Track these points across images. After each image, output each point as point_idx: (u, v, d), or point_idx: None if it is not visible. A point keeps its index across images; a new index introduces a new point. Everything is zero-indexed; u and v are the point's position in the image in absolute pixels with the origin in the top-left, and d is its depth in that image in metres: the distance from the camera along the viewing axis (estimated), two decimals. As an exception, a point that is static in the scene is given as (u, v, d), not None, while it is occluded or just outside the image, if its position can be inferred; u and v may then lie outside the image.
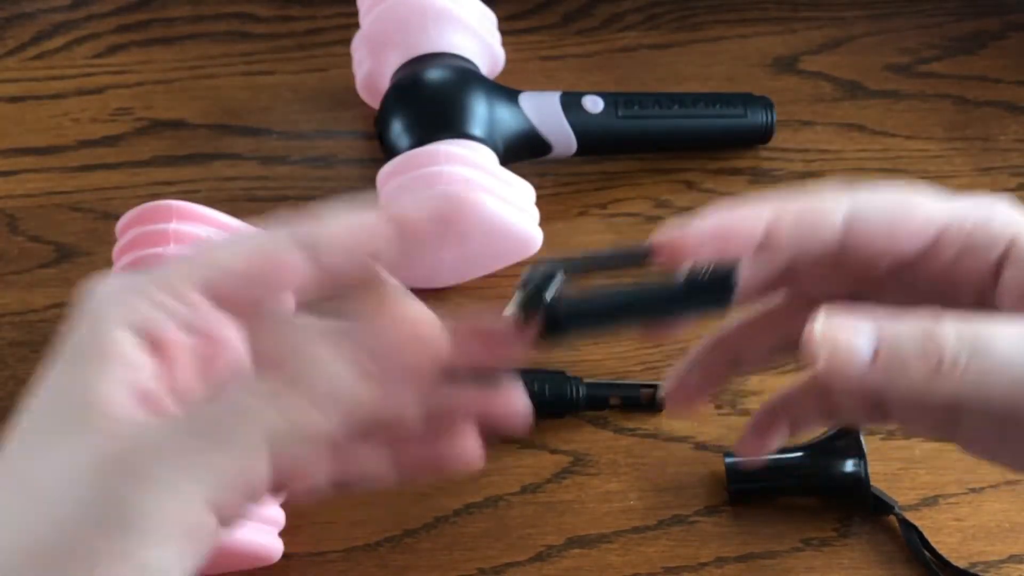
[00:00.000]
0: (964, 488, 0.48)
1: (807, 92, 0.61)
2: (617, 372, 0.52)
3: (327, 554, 0.47)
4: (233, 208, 0.50)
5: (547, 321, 0.31)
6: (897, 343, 0.29)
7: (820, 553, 0.47)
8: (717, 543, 0.47)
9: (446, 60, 0.54)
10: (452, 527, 0.48)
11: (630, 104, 0.56)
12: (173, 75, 0.62)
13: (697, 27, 0.64)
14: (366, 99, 0.58)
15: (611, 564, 0.47)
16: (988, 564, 0.46)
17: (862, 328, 0.29)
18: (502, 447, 0.50)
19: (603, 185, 0.58)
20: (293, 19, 0.64)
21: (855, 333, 0.29)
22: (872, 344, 0.29)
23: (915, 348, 0.28)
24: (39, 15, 0.64)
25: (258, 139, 0.59)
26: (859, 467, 0.46)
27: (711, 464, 0.49)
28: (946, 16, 0.64)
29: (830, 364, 0.29)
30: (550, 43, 0.63)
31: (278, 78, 0.62)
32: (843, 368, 0.29)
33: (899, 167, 0.58)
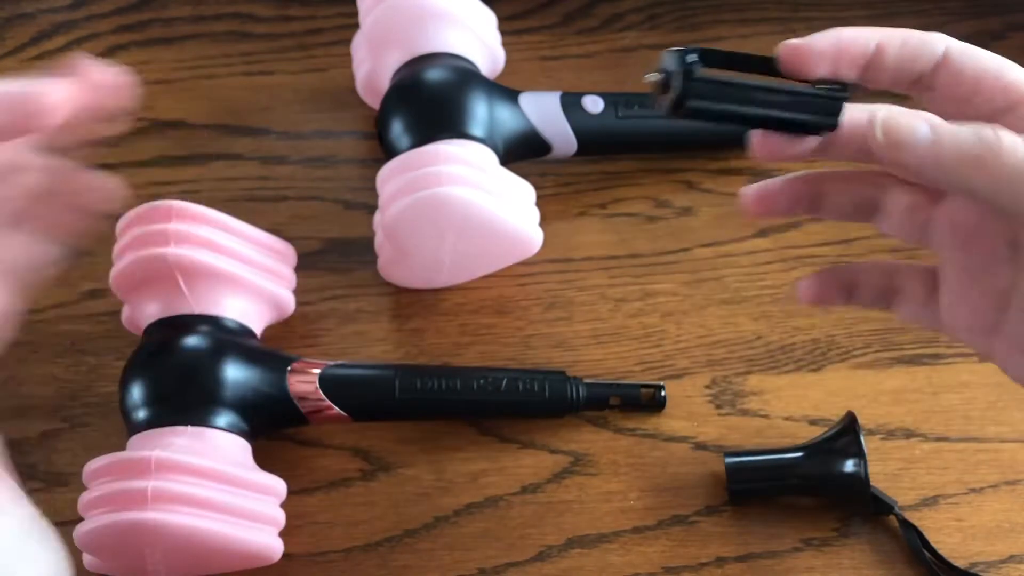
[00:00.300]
0: (964, 488, 0.48)
1: (807, 92, 0.61)
2: (617, 372, 0.52)
3: (327, 554, 0.47)
4: (233, 208, 0.50)
5: (684, 91, 0.33)
6: (953, 130, 0.33)
7: (820, 553, 0.47)
8: (717, 543, 0.47)
9: (446, 60, 0.54)
10: (452, 527, 0.48)
11: (630, 104, 0.56)
12: (173, 75, 0.62)
13: (697, 27, 0.64)
14: (366, 99, 0.58)
15: (611, 564, 0.47)
16: (988, 564, 0.46)
17: (921, 115, 0.34)
18: (502, 447, 0.50)
19: (603, 185, 0.58)
20: (293, 19, 0.64)
21: (915, 117, 0.34)
22: (930, 128, 0.33)
23: (970, 136, 0.33)
24: (39, 15, 0.64)
25: (258, 139, 0.59)
26: (859, 467, 0.46)
27: (711, 464, 0.49)
28: (946, 16, 0.64)
29: (890, 138, 0.33)
30: (550, 43, 0.63)
31: (278, 78, 0.62)
32: (904, 141, 0.33)
33: (899, 167, 0.58)
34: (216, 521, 0.43)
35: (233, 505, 0.43)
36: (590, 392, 0.50)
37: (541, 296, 0.54)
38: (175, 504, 0.42)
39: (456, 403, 0.49)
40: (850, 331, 0.53)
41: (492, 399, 0.49)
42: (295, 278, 0.52)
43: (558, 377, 0.50)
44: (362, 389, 0.49)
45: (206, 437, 0.45)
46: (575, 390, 0.49)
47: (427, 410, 0.49)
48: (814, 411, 0.50)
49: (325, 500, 0.48)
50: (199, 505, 0.42)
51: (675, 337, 0.53)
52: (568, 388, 0.49)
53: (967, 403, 0.51)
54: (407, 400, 0.48)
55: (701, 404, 0.51)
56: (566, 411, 0.50)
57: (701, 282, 0.54)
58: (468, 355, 0.52)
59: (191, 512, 0.42)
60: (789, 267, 0.55)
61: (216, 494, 0.43)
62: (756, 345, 0.52)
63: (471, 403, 0.49)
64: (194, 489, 0.42)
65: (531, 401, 0.49)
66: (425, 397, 0.48)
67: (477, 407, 0.50)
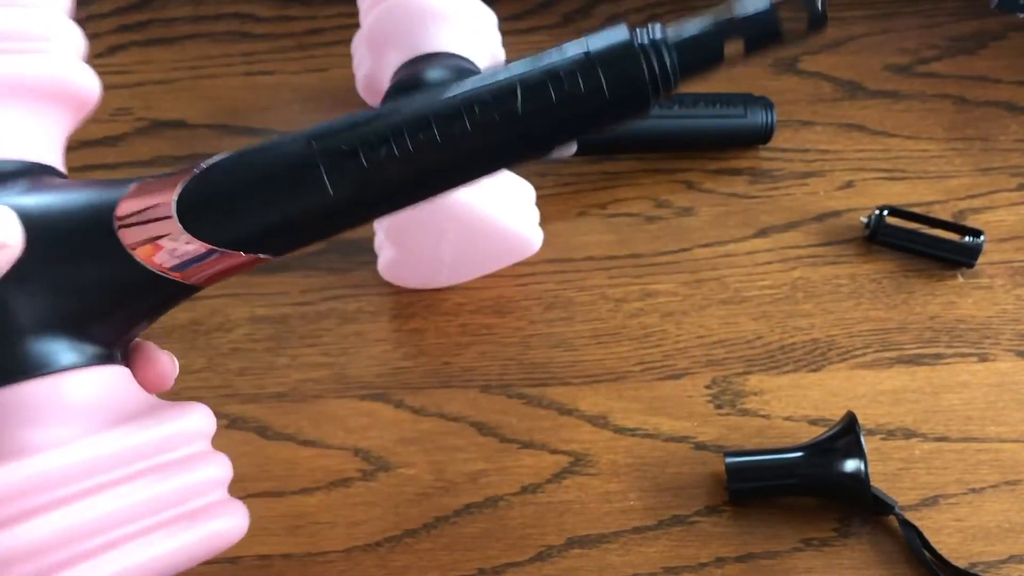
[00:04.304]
0: (964, 488, 0.48)
1: (807, 92, 0.61)
2: (617, 372, 0.52)
3: (327, 554, 0.47)
4: (233, 208, 0.50)
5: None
6: None
7: (820, 553, 0.47)
8: (717, 543, 0.47)
9: (446, 60, 0.53)
10: (452, 527, 0.48)
11: (630, 104, 0.56)
12: (173, 75, 0.62)
13: (697, 27, 0.64)
14: (366, 99, 0.58)
15: (611, 564, 0.47)
16: (988, 564, 0.46)
17: None
18: (502, 447, 0.50)
19: (603, 185, 0.58)
20: (293, 19, 0.64)
21: None
22: None
23: None
24: (39, 15, 0.64)
25: (258, 139, 0.59)
26: (859, 467, 0.46)
27: (711, 464, 0.49)
28: (946, 16, 0.64)
29: None
30: (550, 43, 0.63)
31: (278, 78, 0.62)
32: None
33: (899, 167, 0.58)
34: (124, 547, 0.28)
35: (149, 499, 0.29)
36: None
37: (541, 296, 0.54)
38: (52, 550, 0.27)
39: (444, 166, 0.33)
40: (850, 331, 0.53)
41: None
42: (83, 38, 0.34)
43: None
44: (260, 196, 0.31)
45: (45, 399, 0.28)
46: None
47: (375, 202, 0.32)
48: (814, 411, 0.50)
49: (325, 500, 0.48)
50: (90, 532, 0.27)
51: (675, 337, 0.53)
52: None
53: (967, 403, 0.51)
54: (343, 197, 0.31)
55: (701, 404, 0.51)
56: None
57: (701, 282, 0.54)
58: (468, 355, 0.52)
59: (83, 550, 0.27)
60: (789, 267, 0.55)
61: (110, 494, 0.28)
62: (756, 345, 0.52)
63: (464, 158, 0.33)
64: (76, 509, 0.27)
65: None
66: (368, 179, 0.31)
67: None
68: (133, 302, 0.31)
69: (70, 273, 0.29)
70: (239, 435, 0.50)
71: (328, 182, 0.31)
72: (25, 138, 0.31)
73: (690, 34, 0.34)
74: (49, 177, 0.31)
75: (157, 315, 0.33)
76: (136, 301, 0.31)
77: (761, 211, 0.57)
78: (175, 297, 0.32)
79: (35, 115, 0.31)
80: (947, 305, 0.54)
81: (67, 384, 0.29)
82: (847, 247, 0.55)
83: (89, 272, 0.29)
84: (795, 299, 0.54)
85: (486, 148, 0.33)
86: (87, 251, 0.29)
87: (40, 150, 0.31)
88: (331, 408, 0.51)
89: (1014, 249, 0.55)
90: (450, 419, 0.50)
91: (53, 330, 0.29)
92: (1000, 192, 0.57)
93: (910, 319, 0.53)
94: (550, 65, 0.33)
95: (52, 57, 0.31)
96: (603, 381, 0.51)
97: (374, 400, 0.51)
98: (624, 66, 0.33)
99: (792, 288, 0.54)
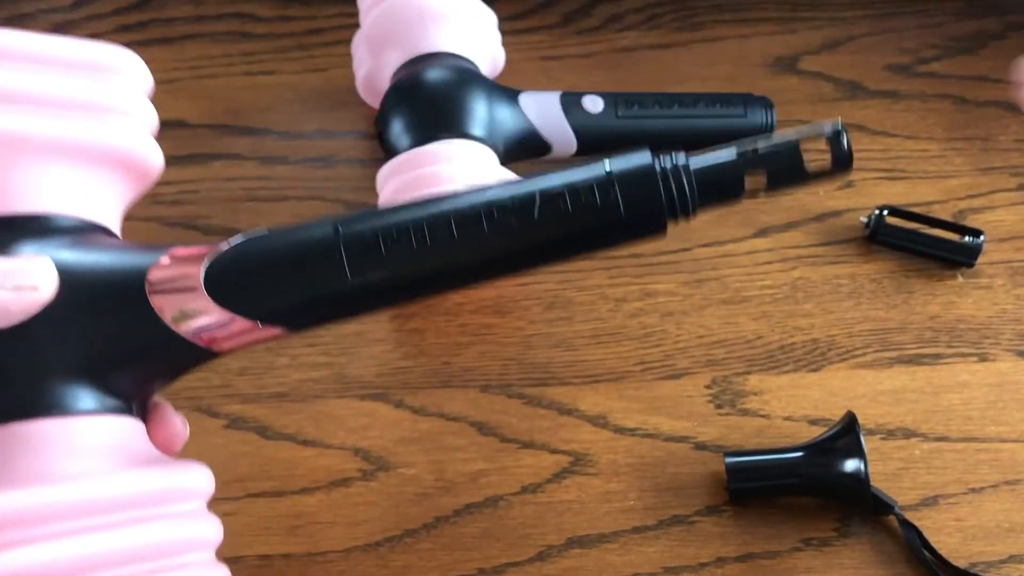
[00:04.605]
0: (964, 488, 0.48)
1: (807, 92, 0.61)
2: (617, 372, 0.52)
3: (327, 554, 0.47)
4: (233, 208, 0.50)
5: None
6: None
7: (820, 553, 0.47)
8: (717, 543, 0.47)
9: (446, 60, 0.54)
10: (452, 527, 0.48)
11: (630, 104, 0.56)
12: (173, 75, 0.62)
13: (697, 27, 0.64)
14: (366, 99, 0.58)
15: (611, 564, 0.47)
16: (988, 564, 0.46)
17: None
18: (502, 447, 0.50)
19: (603, 185, 0.58)
20: (293, 19, 0.64)
21: None
22: None
23: None
24: (39, 15, 0.64)
25: (258, 139, 0.59)
26: (859, 467, 0.46)
27: (711, 464, 0.49)
28: (946, 16, 0.64)
29: None
30: (550, 43, 0.63)
31: (278, 78, 0.62)
32: None
33: (899, 167, 0.58)
34: None
35: (136, 548, 0.30)
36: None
37: (541, 296, 0.54)
38: None
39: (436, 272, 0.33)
40: (850, 331, 0.53)
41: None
42: (153, 112, 0.36)
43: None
44: (282, 274, 0.32)
45: (56, 438, 0.30)
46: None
47: (384, 298, 0.34)
48: (814, 411, 0.50)
49: (325, 500, 0.48)
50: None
51: (675, 337, 0.53)
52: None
53: (967, 403, 0.51)
54: (361, 284, 0.33)
55: (701, 404, 0.51)
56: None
57: (701, 282, 0.54)
58: (468, 355, 0.52)
59: None
60: (789, 267, 0.55)
61: (109, 539, 0.29)
62: (756, 345, 0.52)
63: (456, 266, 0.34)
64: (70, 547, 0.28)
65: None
66: (381, 277, 0.33)
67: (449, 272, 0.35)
68: (156, 360, 0.33)
69: (98, 325, 0.31)
70: (239, 435, 0.50)
71: (347, 268, 0.32)
72: (87, 198, 0.33)
73: (712, 163, 0.35)
74: (100, 236, 0.34)
75: (177, 376, 0.35)
76: (158, 360, 0.33)
77: (761, 211, 0.57)
78: (196, 360, 0.34)
79: (100, 179, 0.34)
80: (947, 305, 0.54)
81: (80, 427, 0.31)
82: (847, 247, 0.55)
83: (117, 327, 0.31)
84: (795, 299, 0.54)
85: (501, 251, 0.34)
86: (117, 308, 0.31)
87: (98, 211, 0.34)
88: (331, 408, 0.51)
89: (1014, 249, 0.55)
90: (450, 419, 0.50)
91: (76, 376, 0.31)
92: (1000, 192, 0.57)
93: (910, 319, 0.53)
94: (570, 178, 0.34)
95: (126, 129, 0.34)
96: (603, 381, 0.51)
97: (374, 400, 0.51)
98: (643, 187, 0.34)
99: (792, 288, 0.54)
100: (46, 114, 0.32)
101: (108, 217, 0.34)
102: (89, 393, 0.31)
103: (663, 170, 0.34)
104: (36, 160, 0.32)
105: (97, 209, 0.34)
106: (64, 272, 0.31)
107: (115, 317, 0.31)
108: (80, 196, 0.33)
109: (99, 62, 0.34)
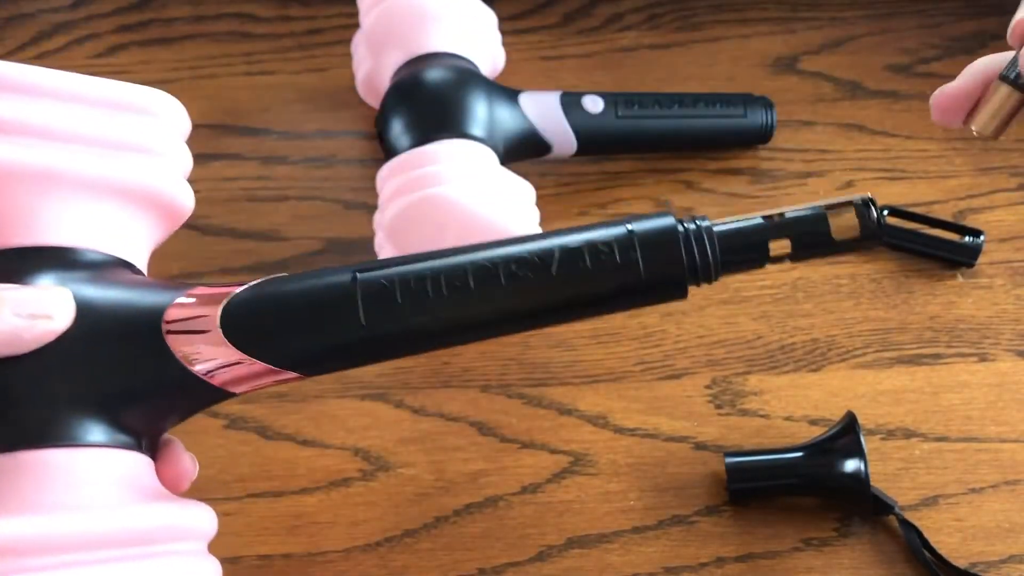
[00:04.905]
0: (964, 488, 0.48)
1: (807, 92, 0.61)
2: (616, 372, 0.52)
3: (327, 554, 0.47)
4: (233, 208, 0.50)
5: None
6: None
7: (820, 553, 0.47)
8: (717, 543, 0.47)
9: (446, 60, 0.54)
10: (452, 527, 0.48)
11: (630, 104, 0.56)
12: (173, 75, 0.62)
13: (697, 27, 0.64)
14: (366, 99, 0.58)
15: (611, 564, 0.47)
16: (988, 564, 0.46)
17: None
18: (502, 447, 0.50)
19: (603, 185, 0.58)
20: (293, 19, 0.64)
21: None
22: None
23: None
24: (39, 15, 0.64)
25: (258, 139, 0.59)
26: (859, 467, 0.46)
27: (711, 464, 0.49)
28: (946, 16, 0.64)
29: None
30: (550, 43, 0.63)
31: (278, 78, 0.62)
32: None
33: (899, 167, 0.58)
34: None
35: None
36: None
37: (541, 296, 0.54)
38: None
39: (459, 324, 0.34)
40: (850, 331, 0.53)
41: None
42: (188, 154, 0.37)
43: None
44: (297, 319, 0.32)
45: (62, 469, 0.29)
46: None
47: (399, 347, 0.34)
48: (814, 411, 0.50)
49: (325, 500, 0.48)
50: None
51: (675, 337, 0.53)
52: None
53: (967, 403, 0.51)
54: (376, 333, 0.33)
55: (701, 404, 0.51)
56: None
57: (701, 282, 0.54)
58: (468, 355, 0.52)
59: None
60: (789, 267, 0.55)
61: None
62: (756, 345, 0.52)
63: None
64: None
65: None
66: (400, 327, 0.33)
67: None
68: (168, 398, 0.33)
69: (112, 360, 0.31)
70: (239, 435, 0.50)
71: (363, 315, 0.33)
72: (114, 235, 0.33)
73: (736, 228, 0.35)
74: (123, 272, 0.34)
75: (188, 414, 0.34)
76: (171, 398, 0.33)
77: (761, 211, 0.57)
78: (208, 400, 0.34)
79: (129, 216, 0.34)
80: (947, 305, 0.54)
81: (87, 459, 0.30)
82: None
83: (130, 363, 0.31)
84: (795, 299, 0.54)
85: (517, 306, 0.34)
86: (132, 344, 0.31)
87: (125, 247, 0.34)
88: (331, 408, 0.51)
89: (1014, 249, 0.55)
90: (450, 419, 0.50)
91: (86, 408, 0.31)
92: (1000, 192, 0.57)
93: (910, 319, 0.53)
94: (591, 236, 0.34)
95: (157, 170, 0.34)
96: (603, 381, 0.51)
97: (374, 400, 0.51)
98: (664, 250, 0.34)
99: (792, 288, 0.54)
100: (78, 151, 0.32)
101: (135, 254, 0.35)
102: (98, 426, 0.31)
103: (686, 233, 0.34)
104: (64, 195, 0.32)
105: (124, 245, 0.34)
106: (82, 305, 0.31)
107: (129, 353, 0.31)
108: (107, 232, 0.33)
109: (137, 104, 0.35)
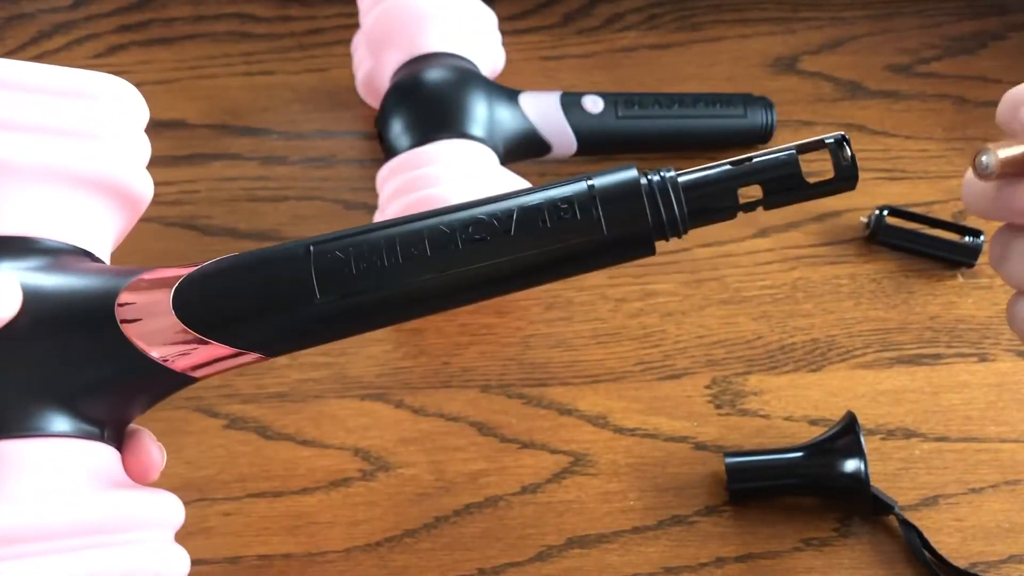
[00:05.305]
0: (964, 488, 0.48)
1: (807, 92, 0.61)
2: (616, 372, 0.52)
3: (327, 554, 0.47)
4: (233, 208, 0.50)
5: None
6: None
7: (820, 553, 0.47)
8: (717, 543, 0.47)
9: (446, 60, 0.54)
10: (452, 527, 0.48)
11: (630, 104, 0.56)
12: (173, 75, 0.62)
13: (697, 27, 0.64)
14: (366, 99, 0.58)
15: (611, 564, 0.47)
16: (988, 564, 0.46)
17: None
18: (502, 447, 0.50)
19: (603, 185, 0.58)
20: (293, 19, 0.64)
21: None
22: None
23: None
24: (39, 15, 0.64)
25: (258, 139, 0.59)
26: (859, 467, 0.46)
27: (711, 464, 0.49)
28: (946, 16, 0.64)
29: None
30: (550, 43, 0.63)
31: (278, 78, 0.62)
32: None
33: (899, 167, 0.58)
34: None
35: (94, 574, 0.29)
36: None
37: (541, 296, 0.54)
38: None
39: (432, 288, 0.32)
40: (850, 331, 0.53)
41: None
42: (145, 141, 0.36)
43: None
44: (251, 295, 0.31)
45: (17, 459, 0.29)
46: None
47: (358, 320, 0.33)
48: (814, 411, 0.50)
49: (325, 500, 0.48)
50: None
51: (675, 337, 0.53)
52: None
53: (967, 403, 0.51)
54: (333, 306, 0.31)
55: (701, 404, 0.51)
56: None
57: (701, 282, 0.54)
58: (468, 355, 0.52)
59: None
60: (789, 267, 0.55)
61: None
62: (756, 345, 0.52)
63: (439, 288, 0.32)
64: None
65: None
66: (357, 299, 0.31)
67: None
68: (126, 385, 0.32)
69: (64, 347, 0.30)
70: (239, 435, 0.50)
71: (317, 288, 0.31)
72: (71, 223, 0.33)
73: (702, 177, 0.33)
74: (80, 260, 0.33)
75: (151, 402, 0.33)
76: (129, 384, 0.32)
77: (761, 211, 0.57)
78: (171, 386, 0.33)
79: (86, 204, 0.33)
80: (947, 305, 0.54)
81: (45, 449, 0.30)
82: (847, 247, 0.55)
83: (84, 350, 0.30)
84: (795, 299, 0.54)
85: (476, 269, 0.32)
86: (84, 330, 0.30)
87: (84, 236, 0.33)
88: (331, 408, 0.51)
89: (1014, 249, 0.55)
90: (450, 419, 0.51)
91: (42, 398, 0.30)
92: (1000, 192, 0.57)
93: (910, 319, 0.53)
94: (550, 194, 0.32)
95: (112, 156, 0.34)
96: (603, 381, 0.51)
97: (374, 400, 0.51)
98: (626, 204, 0.32)
99: (792, 288, 0.54)
100: (29, 140, 0.32)
101: (95, 242, 0.34)
102: (58, 416, 0.30)
103: (649, 184, 0.32)
104: (14, 183, 0.31)
105: (82, 234, 0.33)
106: (32, 294, 0.30)
107: (83, 340, 0.30)
108: (64, 220, 0.32)
109: (90, 91, 0.34)
